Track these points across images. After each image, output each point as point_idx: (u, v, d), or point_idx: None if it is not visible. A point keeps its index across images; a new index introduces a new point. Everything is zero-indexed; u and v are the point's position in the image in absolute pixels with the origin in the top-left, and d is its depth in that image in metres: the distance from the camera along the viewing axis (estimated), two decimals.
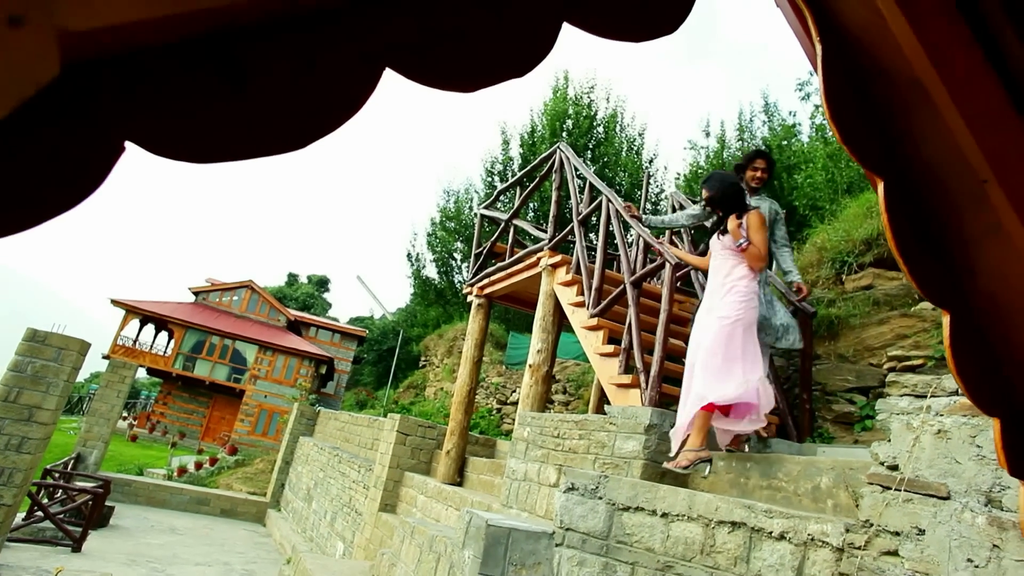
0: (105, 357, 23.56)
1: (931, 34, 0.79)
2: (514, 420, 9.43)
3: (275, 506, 13.48)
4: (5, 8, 0.29)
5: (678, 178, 16.26)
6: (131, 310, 24.72)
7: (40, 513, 7.78)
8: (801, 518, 2.27)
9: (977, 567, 1.62)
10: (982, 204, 0.87)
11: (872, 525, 1.98)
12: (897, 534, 1.89)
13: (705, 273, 4.14)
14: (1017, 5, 0.73)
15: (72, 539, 7.69)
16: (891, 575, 1.85)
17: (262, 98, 0.53)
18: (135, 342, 25.29)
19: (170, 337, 25.93)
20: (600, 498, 2.83)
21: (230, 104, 0.53)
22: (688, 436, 3.24)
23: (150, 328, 26.23)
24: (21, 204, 0.45)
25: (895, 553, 1.87)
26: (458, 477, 6.66)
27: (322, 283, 44.45)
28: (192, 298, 27.67)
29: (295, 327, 29.03)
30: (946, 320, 0.98)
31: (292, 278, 44.51)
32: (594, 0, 0.70)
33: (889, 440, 2.06)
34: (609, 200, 5.38)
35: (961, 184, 0.88)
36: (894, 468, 2.00)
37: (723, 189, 3.54)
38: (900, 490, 1.93)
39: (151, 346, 25.93)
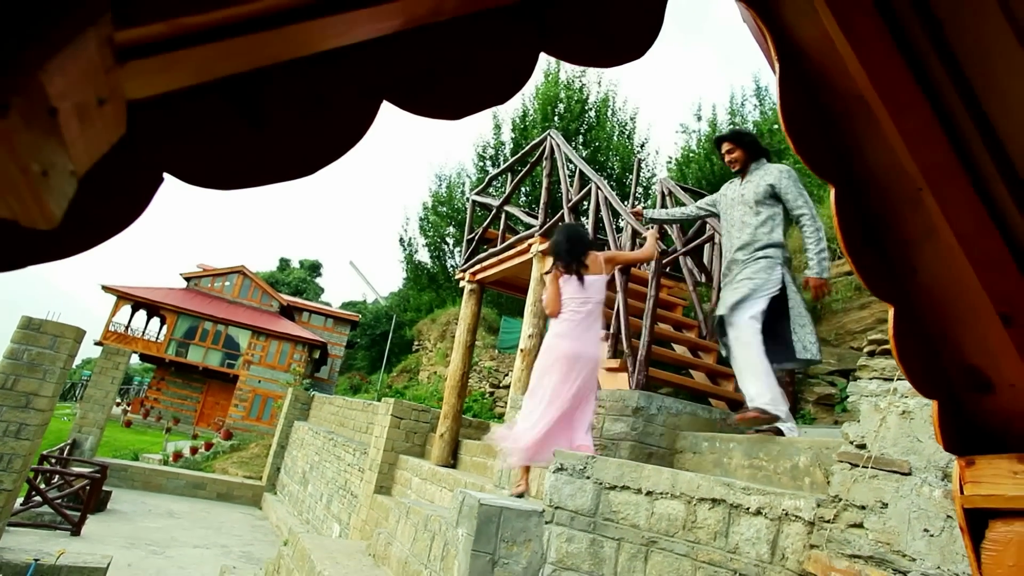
0: (97, 343, 23.55)
1: (871, 58, 0.88)
2: (507, 403, 9.57)
3: (271, 489, 13.63)
4: (92, 92, 0.38)
5: (670, 162, 16.33)
6: (122, 296, 24.65)
7: (38, 498, 7.87)
8: (776, 495, 2.39)
9: (932, 536, 1.74)
10: (919, 209, 0.97)
11: (841, 500, 2.11)
12: (863, 508, 2.02)
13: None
14: (939, 35, 0.82)
15: (71, 523, 7.81)
16: (856, 545, 1.98)
17: (276, 133, 0.62)
18: (127, 328, 25.25)
19: (162, 323, 25.91)
20: (588, 478, 2.95)
21: (249, 139, 0.61)
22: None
23: (142, 314, 26.19)
24: (81, 228, 0.53)
25: (861, 525, 2.00)
26: (452, 459, 6.80)
27: (314, 268, 44.37)
28: (183, 284, 27.59)
29: (288, 312, 29.04)
30: (891, 313, 1.08)
31: (284, 263, 44.39)
32: (566, 33, 0.79)
33: (858, 421, 2.18)
34: (598, 187, 5.46)
35: (901, 191, 0.98)
36: (862, 447, 2.12)
37: (556, 249, 3.71)
38: (867, 467, 2.06)
39: (143, 332, 25.90)
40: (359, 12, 0.50)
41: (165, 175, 0.58)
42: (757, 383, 3.35)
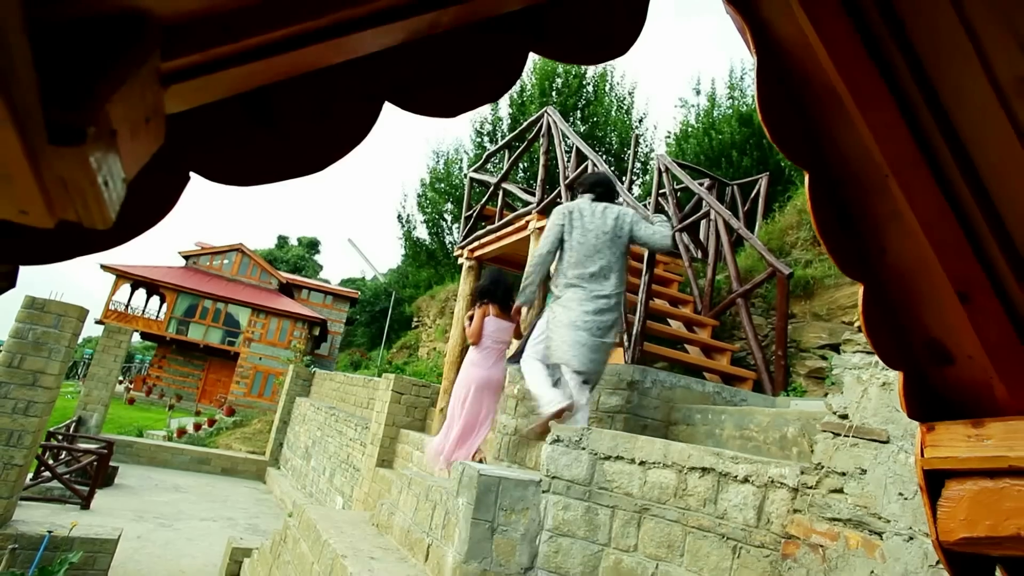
0: (98, 322, 23.66)
1: (839, 55, 0.94)
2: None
3: (274, 464, 13.85)
4: (142, 113, 0.45)
5: (668, 137, 16.25)
6: (121, 275, 24.69)
7: (47, 473, 8.03)
8: (763, 463, 2.50)
9: (906, 499, 1.85)
10: (886, 195, 1.04)
11: (823, 467, 2.21)
12: (843, 474, 2.12)
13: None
14: (902, 34, 0.88)
15: (81, 497, 7.98)
16: (836, 509, 2.08)
17: (289, 135, 0.69)
18: (127, 307, 25.34)
19: (162, 301, 25.99)
20: (583, 449, 3.05)
21: (264, 141, 0.68)
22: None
23: (141, 293, 26.25)
24: (122, 224, 0.61)
25: (841, 491, 2.10)
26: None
27: (312, 245, 44.32)
28: (182, 262, 27.61)
29: (287, 290, 29.12)
30: (861, 290, 1.16)
31: (282, 240, 44.32)
32: (554, 36, 0.85)
33: (842, 392, 2.27)
34: (595, 164, 5.49)
35: (869, 177, 1.05)
36: (844, 417, 2.21)
37: (494, 290, 4.48)
38: (848, 436, 2.15)
39: (143, 311, 26.00)
40: (364, 32, 0.56)
41: (191, 174, 0.65)
42: (547, 391, 3.54)
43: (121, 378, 29.17)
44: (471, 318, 4.47)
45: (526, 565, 2.98)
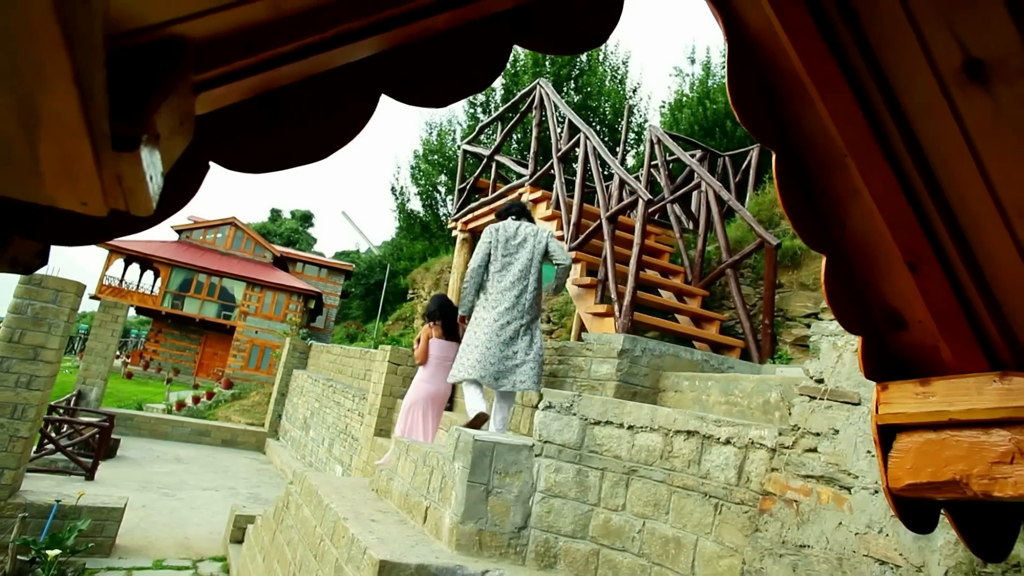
0: (93, 297, 23.65)
1: (801, 44, 1.01)
2: None
3: (274, 435, 14.06)
4: (179, 118, 0.53)
5: (663, 106, 16.17)
6: (114, 250, 24.60)
7: (50, 446, 8.18)
8: (744, 426, 2.63)
9: (873, 456, 1.97)
10: (846, 173, 1.12)
11: (799, 429, 2.34)
12: (818, 435, 2.24)
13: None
14: (857, 25, 0.96)
15: (85, 468, 8.14)
16: (810, 467, 2.21)
17: (296, 127, 0.77)
18: (121, 282, 25.31)
19: (156, 276, 25.95)
20: (574, 414, 3.18)
21: (274, 133, 0.76)
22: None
23: (135, 268, 26.20)
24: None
25: (815, 450, 2.23)
26: (448, 403, 7.08)
27: (306, 218, 44.10)
28: (175, 237, 27.50)
29: (282, 263, 29.09)
30: (823, 261, 1.25)
31: (275, 214, 44.07)
32: (536, 29, 0.92)
33: (818, 358, 2.38)
34: (587, 137, 5.53)
35: (831, 156, 1.13)
36: (820, 381, 2.33)
37: (441, 314, 5.13)
38: (823, 399, 2.27)
39: (138, 286, 25.98)
40: (364, 41, 0.64)
41: (211, 164, 0.73)
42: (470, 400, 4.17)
43: (118, 353, 29.27)
44: (418, 340, 5.18)
45: (520, 525, 3.13)
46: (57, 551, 4.79)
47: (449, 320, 5.01)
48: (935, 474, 1.14)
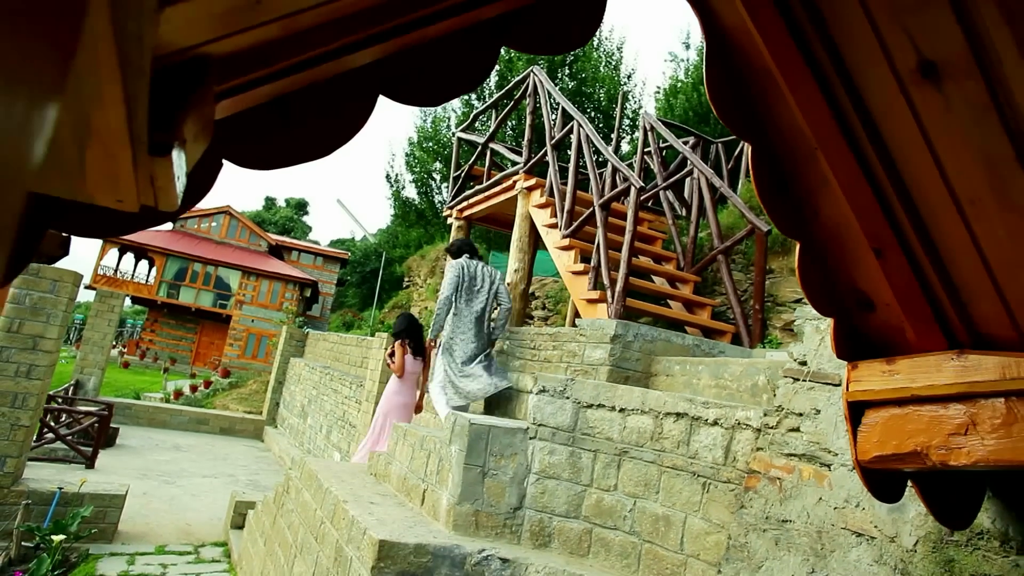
0: (89, 287, 23.61)
1: (771, 41, 1.08)
2: None
3: (272, 423, 14.16)
4: (202, 125, 0.59)
5: (657, 92, 16.17)
6: (108, 240, 24.52)
7: (50, 435, 8.25)
8: (731, 407, 2.71)
9: None
10: (816, 164, 1.20)
11: (783, 409, 2.42)
12: (801, 415, 2.33)
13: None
14: (824, 28, 1.02)
15: (85, 457, 8.22)
16: (793, 446, 2.30)
17: (301, 127, 0.84)
18: (116, 271, 25.27)
19: (151, 265, 25.91)
20: (568, 398, 3.26)
21: (281, 132, 0.83)
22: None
23: (129, 257, 26.14)
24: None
25: (798, 430, 2.32)
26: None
27: (300, 206, 43.97)
28: (170, 226, 27.40)
29: (277, 251, 29.05)
30: (797, 247, 1.32)
31: (270, 202, 43.90)
32: (521, 30, 0.98)
33: (802, 341, 2.46)
34: (580, 125, 5.57)
35: (802, 148, 1.20)
36: (803, 363, 2.42)
37: (410, 332, 5.60)
38: (806, 381, 2.36)
39: (132, 275, 25.93)
40: (364, 51, 0.70)
41: (224, 161, 0.80)
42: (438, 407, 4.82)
43: (114, 342, 29.27)
44: (392, 355, 5.61)
45: (515, 505, 3.22)
46: (62, 537, 4.88)
47: (416, 338, 5.60)
48: (899, 446, 1.22)
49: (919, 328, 1.20)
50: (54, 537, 4.88)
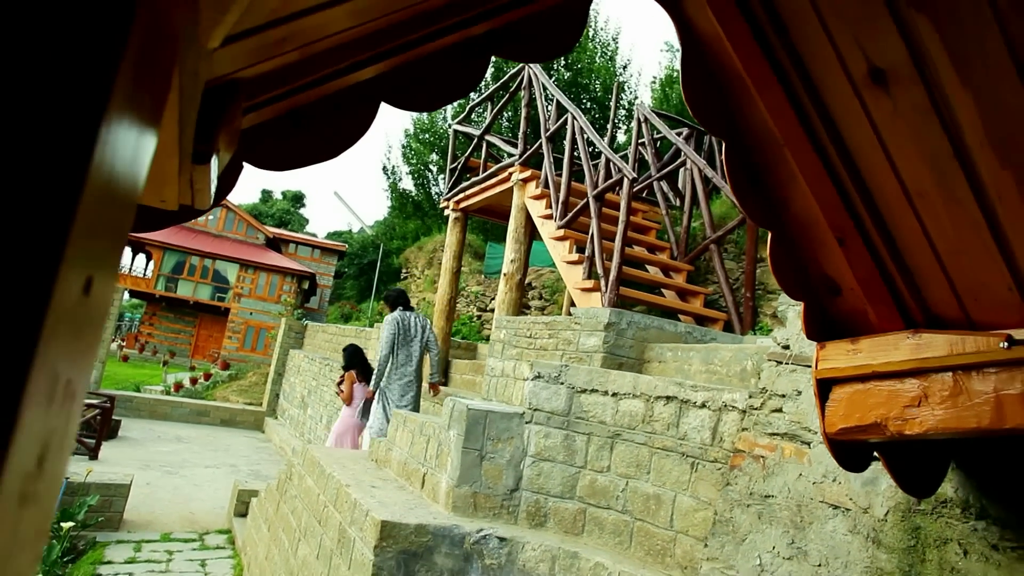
0: None
1: (740, 48, 1.17)
2: (492, 325, 10.02)
3: (272, 414, 14.28)
4: (232, 135, 0.69)
5: (653, 82, 16.21)
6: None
7: None
8: (718, 390, 2.83)
9: None
10: (784, 160, 1.29)
11: (767, 391, 2.54)
12: (783, 396, 2.44)
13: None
14: (786, 36, 1.12)
15: (88, 448, 8.33)
16: (775, 426, 2.41)
17: (312, 132, 0.93)
18: None
19: (148, 259, 25.94)
20: (562, 383, 3.38)
21: (295, 136, 0.93)
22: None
23: (127, 251, 26.16)
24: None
25: (780, 410, 2.43)
26: (443, 378, 7.29)
27: (297, 199, 43.93)
28: None
29: (274, 244, 29.08)
30: (770, 237, 1.43)
31: (266, 195, 43.85)
32: (510, 40, 1.08)
33: (784, 326, 2.57)
34: (575, 117, 5.65)
35: (771, 146, 1.30)
36: (786, 347, 2.52)
37: (360, 365, 6.49)
38: (788, 364, 2.47)
39: (130, 268, 25.97)
40: (370, 67, 0.80)
41: (244, 164, 0.89)
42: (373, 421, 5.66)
43: (113, 336, 29.33)
44: (340, 383, 6.45)
45: (512, 487, 3.34)
46: (71, 523, 4.99)
47: (364, 367, 6.48)
48: (861, 419, 1.33)
49: (879, 310, 1.31)
50: (63, 524, 5.00)
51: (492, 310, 11.96)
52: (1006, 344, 1.04)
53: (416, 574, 2.99)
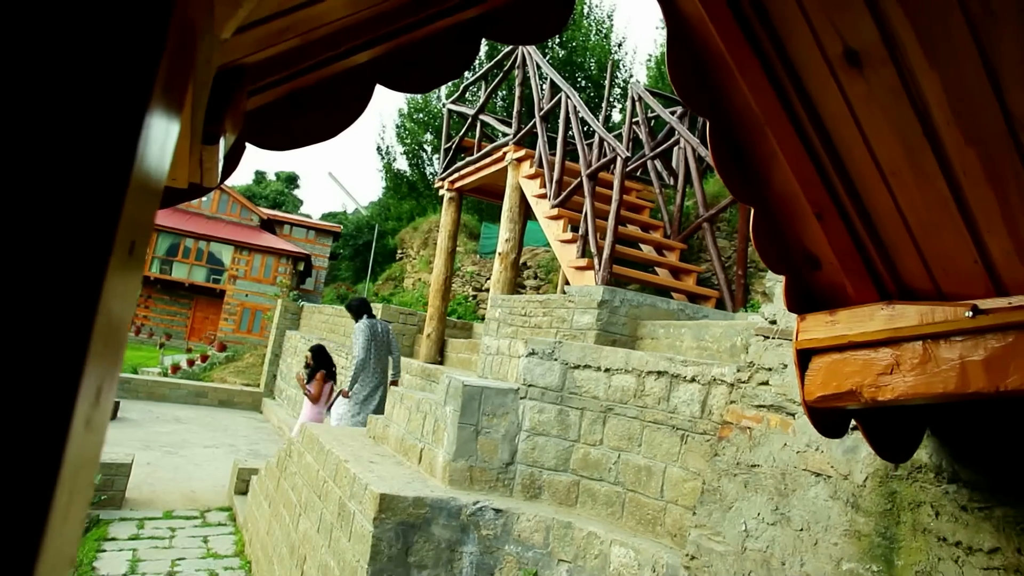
0: None
1: (724, 28, 1.21)
2: (488, 304, 10.09)
3: (269, 395, 14.38)
4: (236, 117, 0.73)
5: (648, 60, 16.12)
6: None
7: None
8: (707, 364, 2.90)
9: None
10: (766, 138, 1.34)
11: (754, 365, 2.61)
12: (770, 370, 2.52)
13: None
14: (767, 17, 1.16)
15: None
16: (762, 398, 2.49)
17: (310, 113, 0.98)
18: None
19: None
20: (556, 359, 3.44)
21: (293, 118, 0.97)
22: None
23: None
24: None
25: (767, 383, 2.50)
26: (439, 357, 7.37)
27: (291, 180, 43.63)
28: None
29: (269, 226, 28.97)
30: (752, 213, 1.48)
31: (260, 176, 43.52)
32: (501, 23, 1.11)
33: (772, 302, 2.63)
34: (568, 96, 5.66)
35: (753, 125, 1.34)
36: (773, 322, 2.59)
37: (327, 366, 6.90)
38: (775, 338, 2.54)
39: None
40: (365, 52, 0.84)
41: (247, 144, 0.94)
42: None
43: None
44: (308, 380, 6.81)
45: (507, 461, 3.42)
46: None
47: (329, 366, 6.89)
48: (838, 387, 1.40)
49: (856, 283, 1.36)
50: None
51: (487, 290, 12.01)
52: (971, 313, 1.10)
53: (414, 545, 3.08)
